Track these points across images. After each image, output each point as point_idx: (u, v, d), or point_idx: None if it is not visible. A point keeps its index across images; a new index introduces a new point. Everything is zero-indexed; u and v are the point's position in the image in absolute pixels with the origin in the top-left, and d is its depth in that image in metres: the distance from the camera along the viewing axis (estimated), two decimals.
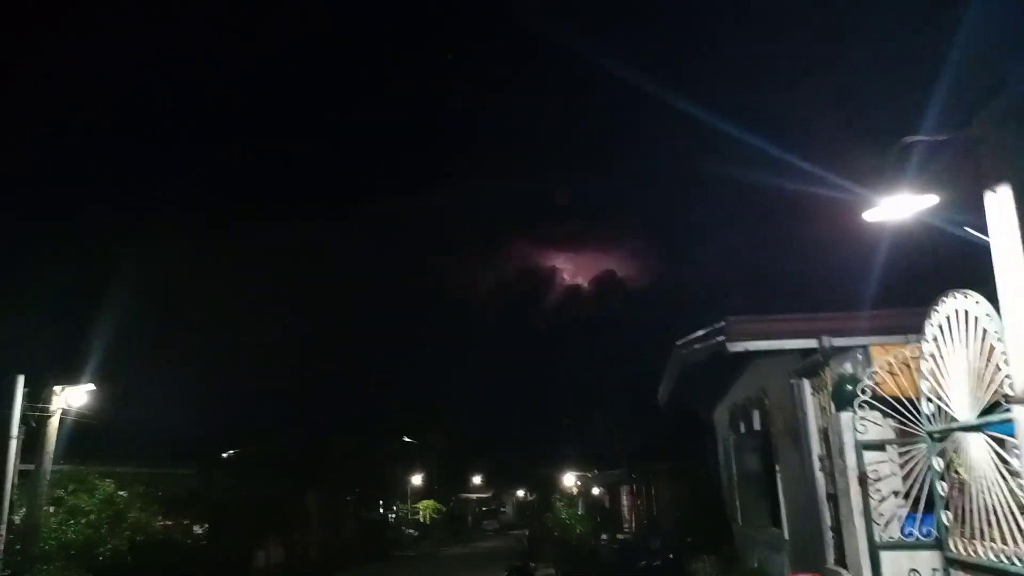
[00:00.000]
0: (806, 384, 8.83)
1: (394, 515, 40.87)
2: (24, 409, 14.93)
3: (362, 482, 34.47)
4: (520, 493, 66.19)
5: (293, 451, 27.46)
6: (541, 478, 44.19)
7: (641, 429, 21.20)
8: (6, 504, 14.31)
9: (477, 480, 62.98)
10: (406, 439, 42.55)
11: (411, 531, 41.99)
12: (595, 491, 37.58)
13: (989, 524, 5.64)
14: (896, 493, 7.56)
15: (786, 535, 10.21)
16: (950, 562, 6.34)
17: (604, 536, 21.59)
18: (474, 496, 62.64)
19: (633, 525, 25.02)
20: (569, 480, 39.12)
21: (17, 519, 14.85)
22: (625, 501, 27.84)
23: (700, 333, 9.25)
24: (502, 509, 65.74)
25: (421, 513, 45.44)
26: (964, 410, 5.91)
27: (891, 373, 7.69)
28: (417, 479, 46.26)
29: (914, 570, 7.41)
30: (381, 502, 39.18)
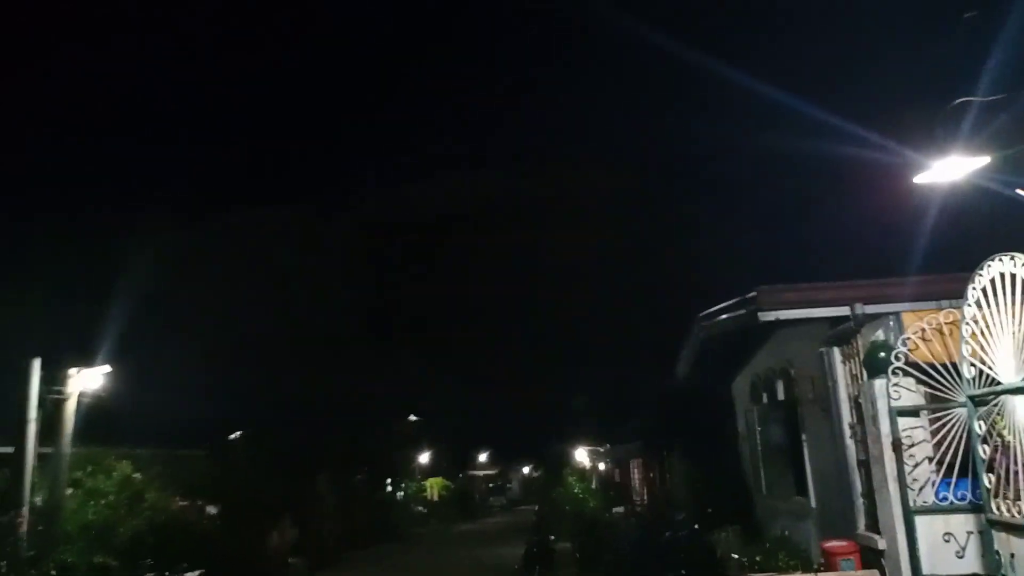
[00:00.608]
0: (836, 352, 8.84)
1: (402, 493, 41.08)
2: (41, 392, 14.96)
3: (371, 461, 34.62)
4: (526, 470, 66.67)
5: (301, 432, 27.56)
6: (549, 454, 44.40)
7: (657, 401, 21.23)
8: (27, 486, 14.37)
9: (483, 457, 63.38)
10: (413, 417, 42.69)
11: (420, 508, 42.27)
12: (601, 466, 37.80)
13: None
14: (930, 459, 7.60)
15: (812, 503, 10.26)
16: (992, 523, 6.38)
17: (618, 510, 21.74)
18: (481, 473, 63.04)
19: (645, 499, 25.16)
20: (581, 455, 39.29)
21: (38, 501, 14.90)
22: (636, 475, 27.98)
23: (728, 303, 9.23)
24: (508, 486, 66.23)
25: (429, 491, 45.71)
26: (1009, 373, 5.93)
27: (924, 339, 7.71)
28: (424, 457, 46.49)
29: (948, 533, 7.47)
30: (389, 480, 39.36)
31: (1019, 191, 4.87)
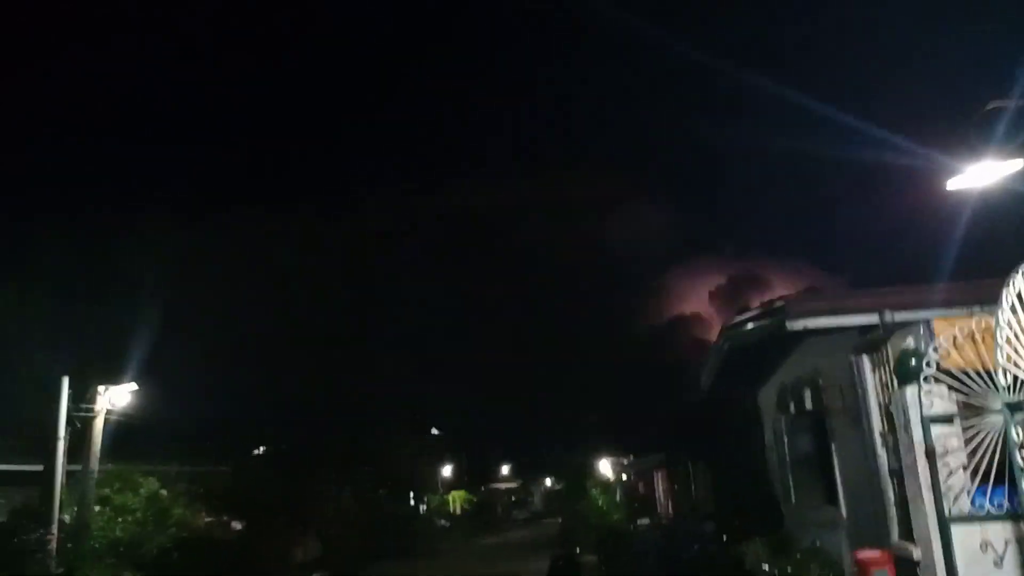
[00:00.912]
0: (865, 360, 8.74)
1: (425, 506, 41.06)
2: (69, 410, 15.13)
3: (394, 475, 34.64)
4: (548, 482, 66.37)
5: (327, 447, 27.64)
6: (571, 467, 44.19)
7: (681, 412, 21.11)
8: (56, 503, 14.51)
9: (505, 471, 63.22)
10: (436, 431, 42.72)
11: (443, 522, 42.20)
12: (624, 477, 37.56)
13: None
14: (964, 467, 7.49)
15: (843, 513, 10.13)
16: None
17: (643, 522, 21.59)
18: (503, 486, 62.88)
19: (670, 510, 24.98)
20: (604, 467, 39.08)
21: (67, 518, 15.03)
22: (660, 487, 27.79)
23: (755, 312, 9.17)
24: (530, 499, 65.98)
25: (451, 504, 45.64)
26: None
27: (955, 346, 7.62)
28: (447, 471, 46.45)
29: (986, 542, 7.35)
30: (412, 494, 39.36)
31: None
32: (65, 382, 14.90)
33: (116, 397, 16.01)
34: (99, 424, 15.70)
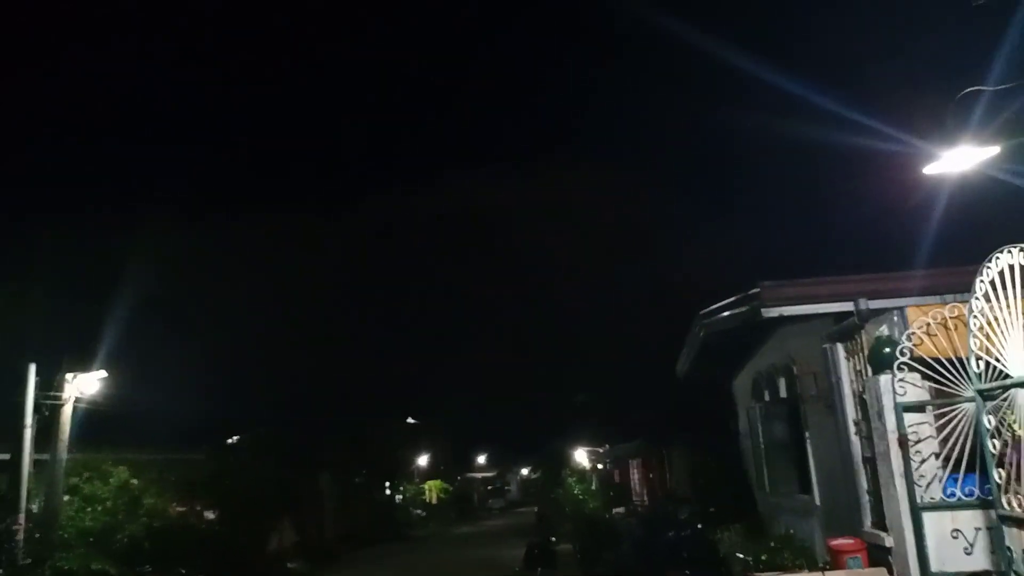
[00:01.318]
0: (840, 348, 8.76)
1: (401, 496, 40.97)
2: (37, 397, 14.86)
3: (370, 464, 34.53)
4: (524, 471, 66.54)
5: (302, 434, 27.46)
6: (547, 455, 44.32)
7: (656, 401, 21.17)
8: (24, 492, 14.28)
9: (482, 459, 63.28)
10: (411, 420, 42.59)
11: (418, 511, 42.15)
12: (600, 466, 37.70)
13: None
14: (936, 455, 7.52)
15: (817, 501, 10.18)
16: (1003, 519, 6.31)
17: (619, 510, 21.66)
18: (479, 475, 62.93)
19: (645, 499, 25.09)
20: (580, 456, 39.21)
21: (35, 507, 14.80)
22: (635, 475, 27.91)
23: (730, 300, 9.15)
24: (507, 487, 66.13)
25: (427, 493, 45.59)
26: (1019, 366, 5.86)
27: (928, 334, 7.64)
28: (423, 459, 46.37)
29: (956, 530, 7.39)
30: (388, 483, 39.25)
31: None
32: (32, 369, 14.63)
33: (85, 384, 15.74)
34: (67, 412, 15.43)
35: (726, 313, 9.44)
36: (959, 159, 5.14)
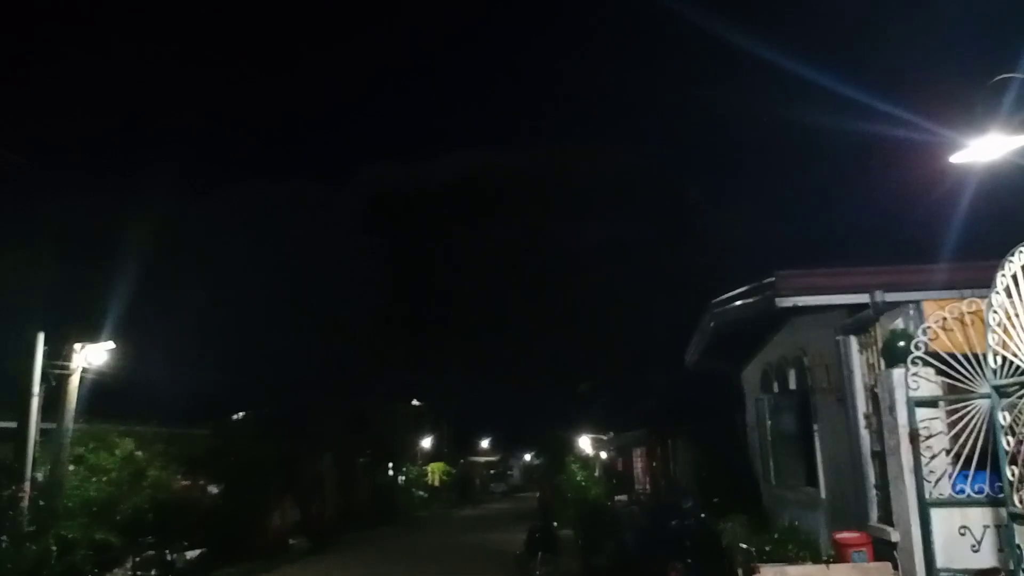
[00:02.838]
0: (853, 341, 8.67)
1: (404, 477, 41.09)
2: (44, 367, 14.88)
3: (373, 445, 34.60)
4: (527, 457, 66.67)
5: (305, 413, 27.49)
6: (551, 441, 44.32)
7: (662, 390, 21.10)
8: (29, 460, 14.31)
9: (485, 444, 63.42)
10: (416, 402, 42.64)
11: (421, 493, 42.27)
12: (603, 454, 37.71)
13: None
14: (947, 451, 7.45)
15: (823, 494, 10.12)
16: (1014, 517, 6.24)
17: (621, 498, 21.63)
18: (482, 459, 63.09)
19: (648, 487, 25.07)
20: (584, 443, 39.21)
21: (40, 476, 14.84)
22: (639, 464, 27.89)
23: (744, 288, 9.06)
24: (509, 472, 66.31)
25: (430, 476, 45.72)
26: None
27: (944, 329, 7.55)
28: (426, 442, 46.47)
29: (964, 527, 7.33)
30: (391, 464, 39.36)
31: None
32: (40, 338, 14.64)
33: (92, 355, 15.75)
34: (75, 382, 15.44)
35: (739, 302, 9.35)
36: (988, 148, 5.03)
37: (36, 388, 14.55)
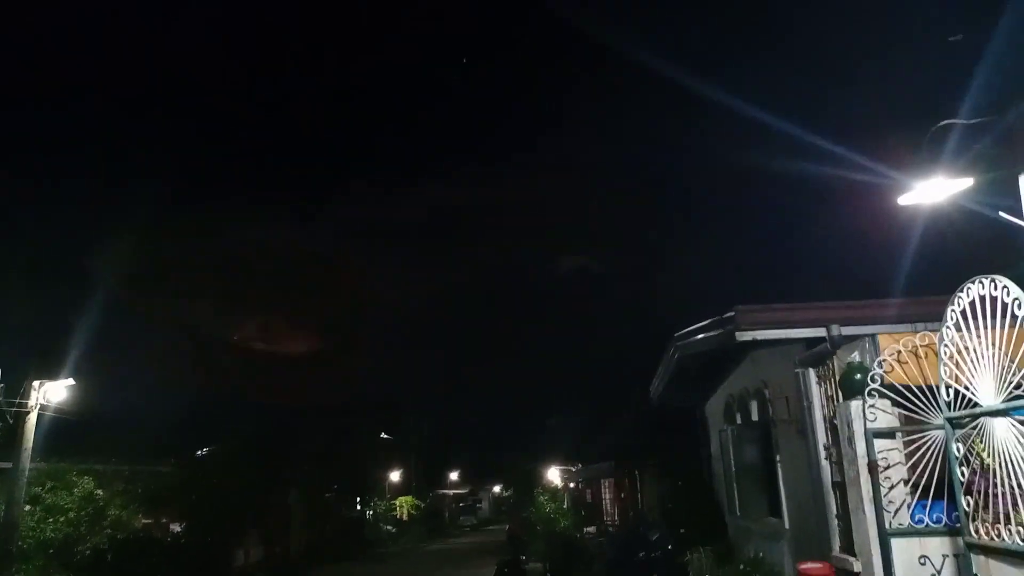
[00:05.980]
0: (811, 373, 8.81)
1: (372, 512, 40.56)
2: (0, 404, 14.60)
3: (340, 479, 34.19)
4: (496, 489, 66.21)
5: (271, 448, 27.12)
6: (520, 474, 44.15)
7: (629, 422, 21.19)
8: None
9: (454, 476, 62.86)
10: (384, 435, 42.25)
11: (389, 527, 41.73)
12: (572, 485, 37.61)
13: (1015, 507, 5.66)
14: (905, 481, 7.57)
15: (786, 525, 10.21)
16: (970, 547, 6.34)
17: (590, 529, 21.61)
18: (451, 492, 62.48)
19: (616, 519, 25.04)
20: (552, 475, 39.09)
21: None
22: (607, 495, 27.86)
23: (705, 323, 9.20)
24: (478, 505, 65.70)
25: (399, 509, 45.18)
26: (989, 395, 5.91)
27: (899, 361, 7.71)
28: (395, 475, 45.98)
29: (924, 556, 7.43)
30: (359, 499, 38.86)
31: (1002, 213, 4.88)
32: None
33: (51, 392, 15.48)
34: (32, 420, 15.15)
35: (701, 336, 9.49)
36: (933, 191, 5.22)
37: None
